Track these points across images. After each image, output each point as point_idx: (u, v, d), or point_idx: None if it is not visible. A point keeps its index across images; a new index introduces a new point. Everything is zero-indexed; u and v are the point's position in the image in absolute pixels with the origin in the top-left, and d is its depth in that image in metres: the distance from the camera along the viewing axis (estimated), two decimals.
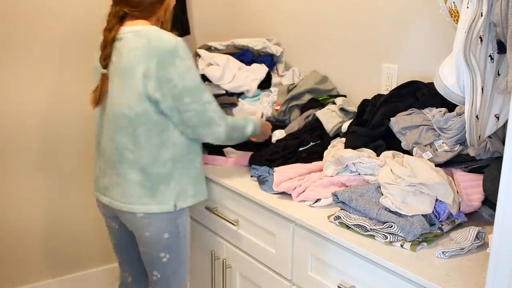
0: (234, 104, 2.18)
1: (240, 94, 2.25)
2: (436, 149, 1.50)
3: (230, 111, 2.19)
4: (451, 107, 1.52)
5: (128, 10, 1.60)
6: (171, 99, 1.55)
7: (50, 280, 2.62)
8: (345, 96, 2.10)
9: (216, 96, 2.22)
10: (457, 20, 1.31)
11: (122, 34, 1.59)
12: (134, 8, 1.60)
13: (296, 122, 2.01)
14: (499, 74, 1.29)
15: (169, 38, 1.55)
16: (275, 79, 2.36)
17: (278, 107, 2.17)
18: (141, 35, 1.56)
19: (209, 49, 2.48)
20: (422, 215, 1.30)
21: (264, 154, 1.82)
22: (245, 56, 2.36)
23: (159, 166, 1.62)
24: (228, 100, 2.19)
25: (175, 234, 1.68)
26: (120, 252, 1.92)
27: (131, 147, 1.60)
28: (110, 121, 1.64)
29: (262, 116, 2.14)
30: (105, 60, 1.60)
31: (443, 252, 1.22)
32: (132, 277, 1.94)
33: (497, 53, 1.26)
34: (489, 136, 1.40)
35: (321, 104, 2.04)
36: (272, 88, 2.29)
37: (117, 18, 1.61)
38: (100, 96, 1.64)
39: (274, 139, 1.98)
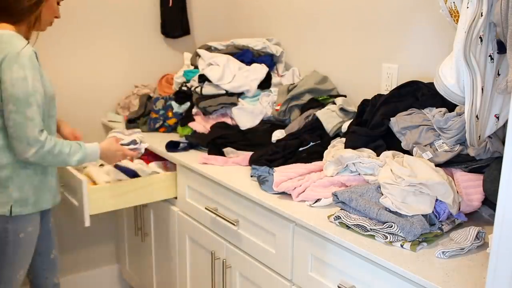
0: (234, 104, 2.19)
1: (240, 94, 2.25)
2: (436, 149, 1.50)
3: (230, 111, 2.20)
4: (451, 107, 1.52)
5: (3, 16, 1.63)
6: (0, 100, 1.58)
7: None
8: (345, 96, 2.10)
9: (216, 96, 2.22)
10: (457, 20, 1.31)
11: None
12: (5, 14, 1.63)
13: (296, 122, 2.01)
14: (499, 74, 1.29)
15: (18, 43, 1.58)
16: (275, 79, 2.36)
17: (278, 107, 2.17)
18: None
19: (209, 49, 2.48)
20: (422, 215, 1.30)
21: (264, 154, 1.82)
22: (245, 56, 2.36)
23: None
24: (228, 100, 2.19)
25: (2, 237, 1.70)
26: None
27: None
28: None
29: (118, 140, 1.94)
30: None
31: (443, 252, 1.22)
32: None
33: (497, 53, 1.26)
34: (489, 136, 1.40)
35: (321, 104, 2.04)
36: (272, 88, 2.29)
37: None
38: None
39: (274, 139, 1.98)
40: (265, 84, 2.29)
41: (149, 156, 2.30)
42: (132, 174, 2.07)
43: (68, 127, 1.99)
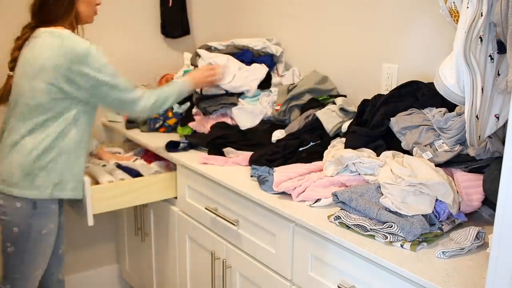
0: (234, 104, 2.19)
1: (240, 94, 2.25)
2: (436, 149, 1.50)
3: (230, 111, 2.19)
4: (451, 107, 1.52)
5: (40, 24, 1.78)
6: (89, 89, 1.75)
7: None
8: (345, 96, 2.10)
9: (217, 96, 2.22)
10: (457, 20, 1.31)
11: (37, 33, 1.76)
12: (42, 22, 1.79)
13: (296, 122, 2.01)
14: (499, 74, 1.29)
15: (81, 40, 1.76)
16: (275, 79, 2.36)
17: (278, 107, 2.17)
18: (55, 35, 1.73)
19: (209, 49, 2.48)
20: (422, 215, 1.30)
21: (264, 154, 1.82)
22: (245, 56, 2.36)
23: (44, 154, 1.74)
24: (228, 100, 2.19)
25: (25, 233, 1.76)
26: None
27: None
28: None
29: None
30: (12, 63, 1.82)
31: (443, 252, 1.22)
32: None
33: (497, 53, 1.26)
34: (489, 136, 1.40)
35: (321, 104, 2.04)
36: (272, 88, 2.29)
37: (29, 28, 1.80)
38: (3, 93, 1.85)
39: (274, 139, 1.98)
40: (265, 84, 2.29)
41: (150, 156, 2.30)
42: (135, 174, 2.08)
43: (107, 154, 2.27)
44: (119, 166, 2.13)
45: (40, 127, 1.74)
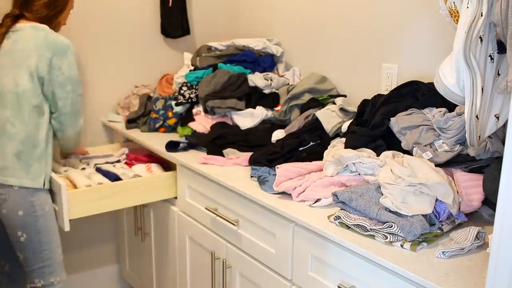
0: (241, 109, 2.16)
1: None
2: (436, 149, 1.50)
3: (230, 112, 2.18)
4: (451, 107, 1.52)
5: (28, 15, 1.86)
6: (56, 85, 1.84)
7: None
8: (345, 96, 2.10)
9: (225, 97, 2.20)
10: (457, 20, 1.31)
11: (19, 27, 1.83)
12: (32, 15, 1.86)
13: (296, 122, 2.01)
14: (499, 74, 1.29)
15: (63, 37, 1.86)
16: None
17: (278, 108, 2.17)
18: (38, 28, 1.83)
19: (209, 49, 2.48)
20: (422, 215, 1.30)
21: (264, 154, 1.82)
22: (248, 56, 2.36)
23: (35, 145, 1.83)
24: (236, 105, 2.16)
25: (31, 212, 1.81)
26: None
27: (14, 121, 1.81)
28: None
29: None
30: None
31: (443, 252, 1.22)
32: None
33: (497, 53, 1.26)
34: (489, 136, 1.40)
35: (321, 104, 2.04)
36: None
37: (12, 18, 1.85)
38: None
39: (274, 139, 1.98)
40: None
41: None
42: (114, 177, 2.06)
43: None
44: (98, 170, 2.12)
45: (28, 116, 1.81)
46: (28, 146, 1.81)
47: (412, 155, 1.53)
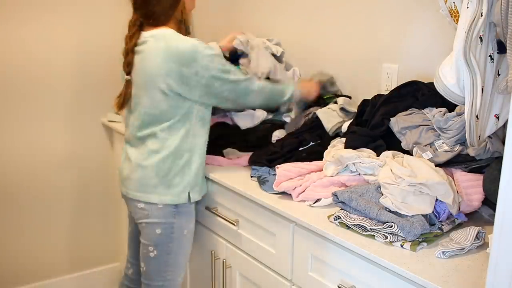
0: (242, 111, 2.14)
1: None
2: (436, 149, 1.50)
3: (230, 113, 2.18)
4: (451, 107, 1.52)
5: (144, 20, 1.69)
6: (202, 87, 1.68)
7: (59, 278, 2.64)
8: (349, 97, 2.09)
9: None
10: (457, 20, 1.31)
11: (143, 39, 1.69)
12: (147, 18, 1.69)
13: (297, 119, 2.00)
14: (499, 74, 1.29)
15: (187, 39, 1.66)
16: None
17: None
18: (158, 38, 1.66)
19: None
20: (422, 215, 1.30)
21: (264, 154, 1.82)
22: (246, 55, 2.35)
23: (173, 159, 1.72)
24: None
25: (168, 233, 1.73)
26: (129, 241, 1.99)
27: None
28: None
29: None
30: (128, 67, 1.72)
31: (443, 252, 1.22)
32: (134, 269, 1.98)
33: (497, 53, 1.26)
34: (489, 136, 1.40)
35: (323, 103, 2.03)
36: None
37: (137, 26, 1.70)
38: (124, 100, 1.77)
39: (274, 139, 1.97)
40: None
41: None
42: None
43: None
44: None
45: (168, 132, 1.71)
46: (169, 161, 1.73)
47: (412, 155, 1.53)
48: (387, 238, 1.28)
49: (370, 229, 1.31)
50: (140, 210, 1.75)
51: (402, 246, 1.27)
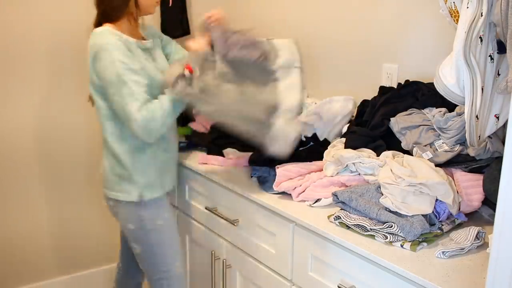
0: None
1: None
2: (436, 149, 1.50)
3: None
4: (451, 107, 1.52)
5: (101, 16, 1.68)
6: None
7: (55, 279, 2.63)
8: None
9: None
10: (457, 20, 1.31)
11: None
12: (102, 15, 1.68)
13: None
14: (499, 74, 1.29)
15: (108, 37, 1.59)
16: None
17: None
18: (93, 33, 1.64)
19: None
20: (422, 215, 1.30)
21: (263, 154, 1.82)
22: None
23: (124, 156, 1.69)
24: None
25: (141, 225, 1.73)
26: (120, 242, 2.01)
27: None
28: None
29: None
30: None
31: (443, 252, 1.22)
32: (123, 268, 2.02)
33: (497, 53, 1.26)
34: (489, 136, 1.40)
35: None
36: None
37: (95, 23, 1.70)
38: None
39: None
40: None
41: None
42: None
43: None
44: None
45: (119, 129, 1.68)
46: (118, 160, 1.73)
47: (412, 155, 1.53)
48: (387, 238, 1.28)
49: (370, 229, 1.31)
50: (112, 208, 1.77)
51: (402, 246, 1.27)
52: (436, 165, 1.43)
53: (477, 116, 1.28)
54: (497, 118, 1.32)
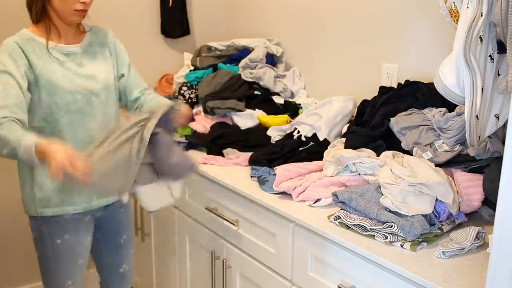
0: (240, 110, 2.14)
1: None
2: (436, 149, 1.50)
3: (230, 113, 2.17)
4: (451, 107, 1.52)
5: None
6: None
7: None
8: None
9: (225, 98, 2.17)
10: (457, 20, 1.31)
11: None
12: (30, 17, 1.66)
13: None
14: (499, 74, 1.29)
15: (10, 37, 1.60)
16: None
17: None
18: None
19: (209, 49, 2.48)
20: (422, 215, 1.30)
21: (264, 154, 1.82)
22: (244, 55, 2.35)
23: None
24: (236, 106, 2.12)
25: (38, 239, 1.71)
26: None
27: None
28: None
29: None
30: None
31: (443, 252, 1.22)
32: (104, 284, 2.01)
33: (497, 53, 1.26)
34: (489, 136, 1.40)
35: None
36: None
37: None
38: None
39: (273, 139, 1.97)
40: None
41: None
42: None
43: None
44: None
45: None
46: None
47: (412, 155, 1.53)
48: (387, 238, 1.28)
49: (370, 229, 1.31)
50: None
51: (402, 246, 1.27)
52: (436, 165, 1.43)
53: (477, 116, 1.28)
54: (497, 118, 1.32)
